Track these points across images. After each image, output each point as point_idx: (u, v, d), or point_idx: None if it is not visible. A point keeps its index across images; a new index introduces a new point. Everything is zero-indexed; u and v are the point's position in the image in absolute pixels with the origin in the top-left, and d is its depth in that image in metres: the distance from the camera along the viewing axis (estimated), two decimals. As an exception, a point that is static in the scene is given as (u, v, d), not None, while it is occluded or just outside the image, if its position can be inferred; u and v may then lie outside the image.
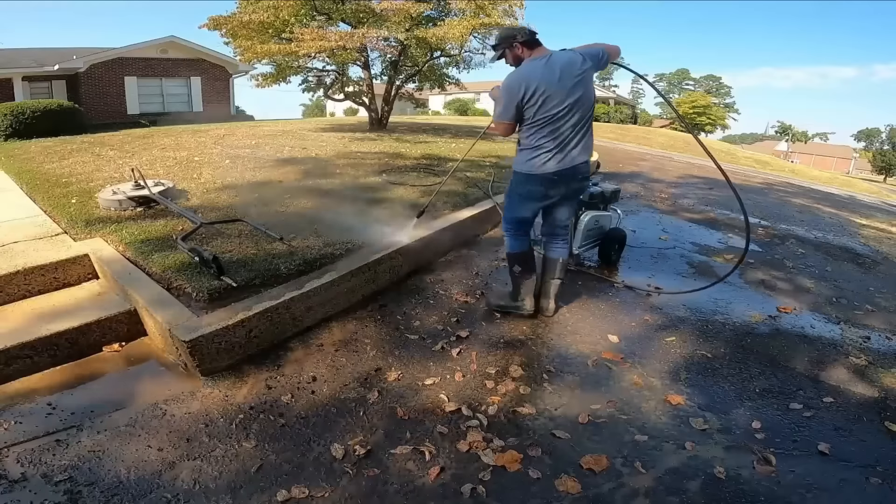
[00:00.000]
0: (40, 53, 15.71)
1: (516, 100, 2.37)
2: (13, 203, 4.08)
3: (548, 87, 2.33)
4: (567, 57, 2.42)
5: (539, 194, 2.56)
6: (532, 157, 2.46)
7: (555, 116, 2.37)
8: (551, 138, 2.41)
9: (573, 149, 2.46)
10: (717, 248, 4.24)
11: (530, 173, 2.49)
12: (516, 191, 2.61)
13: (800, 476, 1.75)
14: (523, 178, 2.54)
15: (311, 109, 41.53)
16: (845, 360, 2.54)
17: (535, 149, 2.44)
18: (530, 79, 2.34)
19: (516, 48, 2.45)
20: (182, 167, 5.40)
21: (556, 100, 2.35)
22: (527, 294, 2.73)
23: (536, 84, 2.33)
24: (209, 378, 2.16)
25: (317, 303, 2.59)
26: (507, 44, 2.47)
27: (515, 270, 2.72)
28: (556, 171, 2.46)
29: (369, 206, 3.95)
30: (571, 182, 2.55)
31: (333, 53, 8.37)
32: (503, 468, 1.74)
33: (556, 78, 2.35)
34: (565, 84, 2.36)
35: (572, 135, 2.43)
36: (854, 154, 54.31)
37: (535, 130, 2.42)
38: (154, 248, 2.93)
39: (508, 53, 2.50)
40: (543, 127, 2.39)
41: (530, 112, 2.38)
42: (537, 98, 2.34)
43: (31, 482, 1.62)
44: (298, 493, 1.61)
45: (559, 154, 2.43)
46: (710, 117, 41.94)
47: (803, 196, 8.03)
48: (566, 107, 2.36)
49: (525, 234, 2.70)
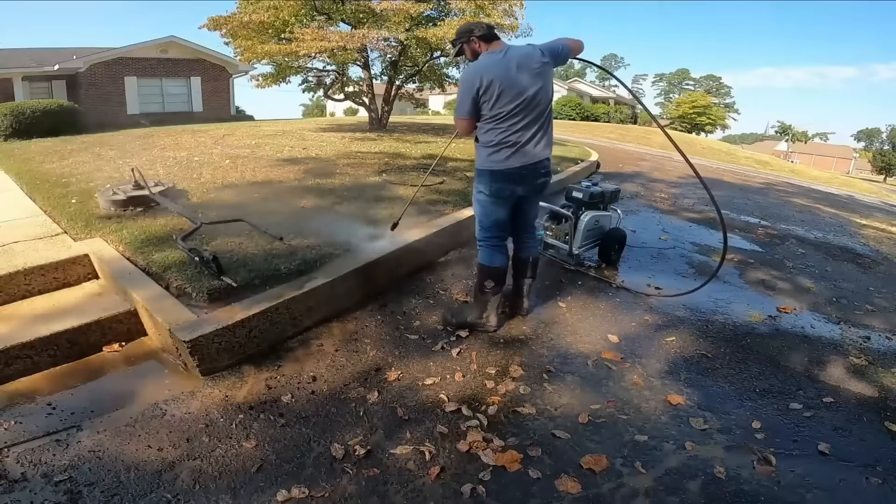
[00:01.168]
0: (40, 53, 15.70)
1: (472, 94, 2.32)
2: (13, 203, 4.08)
3: (503, 80, 2.28)
4: (525, 51, 2.38)
5: (507, 191, 2.47)
6: (493, 152, 2.39)
7: (513, 111, 2.31)
8: (511, 133, 2.34)
9: (536, 144, 2.40)
10: (717, 248, 4.24)
11: (494, 170, 2.42)
12: (484, 192, 2.49)
13: (800, 476, 1.75)
14: (488, 177, 2.45)
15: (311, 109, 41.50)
16: (845, 360, 2.54)
17: (496, 145, 2.38)
18: (485, 72, 2.30)
19: (473, 42, 2.43)
20: (182, 167, 5.40)
21: (512, 93, 2.29)
22: (492, 310, 2.60)
23: (492, 77, 2.27)
24: (209, 378, 2.16)
25: (317, 303, 2.59)
26: (465, 38, 2.45)
27: (487, 286, 2.55)
28: (520, 165, 2.39)
29: (369, 207, 3.95)
30: (536, 178, 2.49)
31: (333, 53, 8.37)
32: (503, 468, 1.74)
33: (513, 71, 2.30)
34: (522, 77, 2.31)
35: (533, 130, 2.38)
36: (854, 154, 54.31)
37: (494, 126, 2.36)
38: (154, 248, 2.93)
39: (466, 48, 2.47)
40: (502, 122, 2.33)
41: (487, 107, 2.32)
42: (493, 91, 2.28)
43: (31, 482, 1.62)
44: (298, 493, 1.61)
45: (522, 149, 2.37)
46: (710, 117, 41.96)
47: (803, 196, 8.03)
48: (524, 100, 2.31)
49: (504, 244, 2.59)
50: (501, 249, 2.57)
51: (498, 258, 2.55)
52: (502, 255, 2.57)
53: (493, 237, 2.55)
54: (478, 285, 2.60)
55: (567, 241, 3.50)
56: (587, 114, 29.38)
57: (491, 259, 2.55)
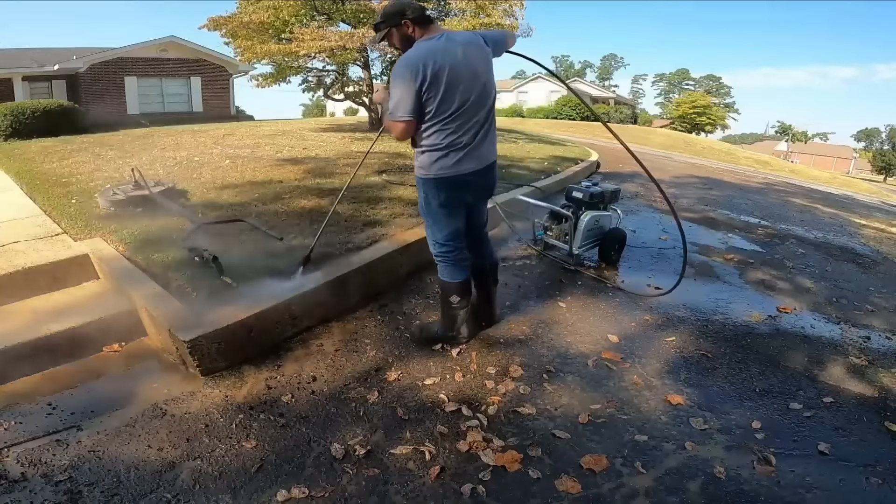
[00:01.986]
0: (40, 53, 15.71)
1: (414, 88, 1.94)
2: (13, 203, 4.08)
3: (452, 69, 1.96)
4: (467, 37, 2.11)
5: (458, 200, 2.20)
6: (441, 157, 2.08)
7: (462, 107, 2.02)
8: (460, 133, 2.05)
9: (486, 145, 2.16)
10: (717, 248, 4.24)
11: (443, 177, 2.11)
12: (433, 203, 2.18)
13: (800, 476, 1.75)
14: (435, 185, 2.14)
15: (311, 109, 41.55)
16: (845, 360, 2.54)
17: (444, 148, 2.07)
18: (429, 60, 1.94)
19: (405, 26, 2.05)
20: (182, 167, 5.40)
21: (463, 85, 1.99)
22: (463, 322, 2.42)
23: (439, 66, 1.94)
24: (209, 378, 2.16)
25: (317, 303, 2.59)
26: (395, 21, 2.05)
27: (453, 301, 2.34)
28: (473, 170, 2.13)
29: (370, 207, 3.95)
30: (486, 182, 2.28)
31: (333, 53, 8.37)
32: (503, 468, 1.74)
33: (460, 60, 1.99)
34: (471, 67, 2.02)
35: (484, 128, 2.13)
36: (854, 154, 54.36)
37: (441, 126, 2.03)
38: (154, 248, 2.93)
39: (395, 34, 2.09)
40: (451, 121, 2.02)
41: (432, 103, 1.99)
42: (439, 85, 1.95)
43: (31, 482, 1.62)
44: (298, 493, 1.61)
45: (472, 152, 2.10)
46: (710, 117, 42.02)
47: (803, 196, 8.03)
48: (474, 94, 2.04)
49: (464, 256, 2.32)
50: (462, 262, 2.32)
51: (459, 272, 2.32)
52: (463, 268, 2.33)
53: (452, 251, 2.28)
54: (443, 302, 2.40)
55: (567, 241, 3.51)
56: (587, 114, 29.37)
57: (452, 275, 2.31)
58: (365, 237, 3.23)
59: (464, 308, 2.40)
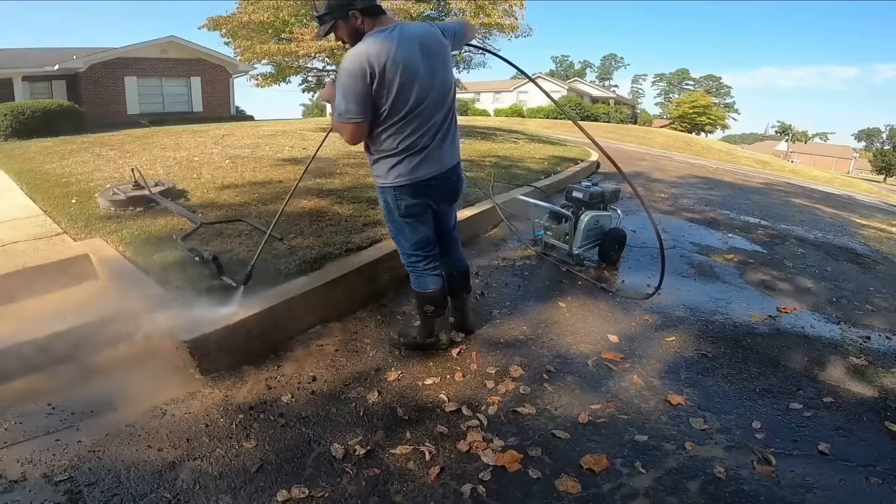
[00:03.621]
0: (40, 53, 15.71)
1: (363, 86, 1.79)
2: (13, 203, 4.08)
3: (406, 64, 1.81)
4: (422, 28, 1.94)
5: (421, 206, 2.06)
6: (397, 163, 1.95)
7: (418, 107, 1.87)
8: (418, 135, 1.90)
9: (446, 146, 2.02)
10: (717, 248, 4.24)
11: (401, 185, 1.98)
12: (395, 212, 2.07)
13: (800, 476, 1.75)
14: (394, 193, 2.01)
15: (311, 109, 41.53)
16: (845, 360, 2.54)
17: (399, 153, 1.93)
18: (381, 54, 1.78)
19: (353, 18, 1.85)
20: (182, 167, 5.40)
21: (419, 82, 1.84)
22: (441, 328, 2.38)
23: (391, 62, 1.78)
24: (209, 378, 2.16)
25: (317, 303, 2.59)
26: (342, 13, 1.86)
27: (427, 311, 2.28)
28: (431, 176, 1.99)
29: (370, 207, 3.95)
30: (449, 186, 2.13)
31: (333, 53, 8.38)
32: (503, 468, 1.74)
33: (416, 54, 1.84)
34: (428, 62, 1.87)
35: (444, 129, 1.98)
36: (854, 154, 54.38)
37: (396, 128, 1.89)
38: (154, 248, 2.93)
39: (342, 26, 1.90)
40: (406, 122, 1.88)
41: (385, 102, 1.83)
42: (392, 82, 1.80)
43: (31, 482, 1.62)
44: (298, 493, 1.61)
45: (431, 154, 1.96)
46: (709, 117, 42.06)
47: (803, 196, 8.03)
48: (431, 93, 1.88)
49: (434, 264, 2.23)
50: (433, 270, 2.22)
51: (431, 281, 2.22)
52: (435, 277, 2.23)
53: (420, 259, 2.18)
54: (419, 310, 2.34)
55: (567, 241, 3.51)
56: (587, 114, 29.42)
57: (423, 284, 2.22)
58: (365, 237, 3.23)
59: (439, 316, 2.33)
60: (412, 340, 2.43)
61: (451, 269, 2.39)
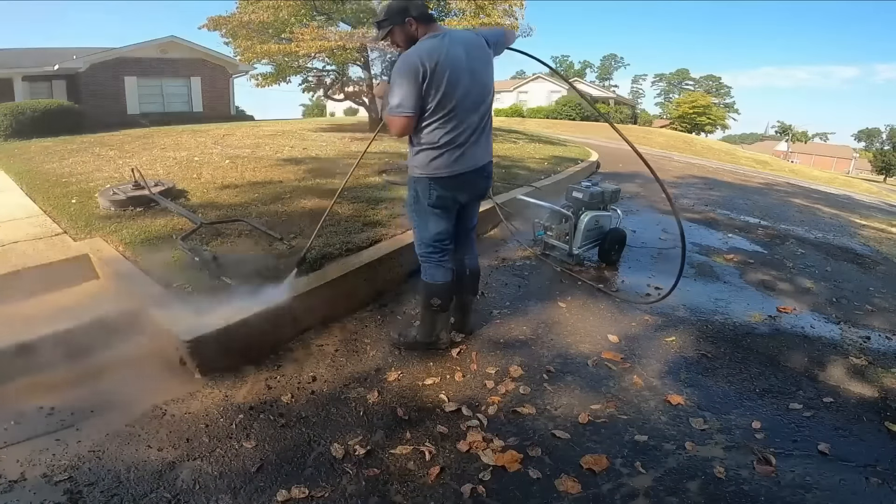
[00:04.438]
0: (40, 53, 15.70)
1: (416, 83, 1.96)
2: (13, 203, 4.08)
3: (454, 67, 1.98)
4: (468, 36, 2.12)
5: (450, 200, 2.19)
6: (438, 156, 2.08)
7: (461, 105, 2.03)
8: (458, 132, 2.06)
9: (481, 146, 2.17)
10: (717, 248, 4.24)
11: (437, 176, 2.12)
12: (424, 201, 2.18)
13: (800, 476, 1.75)
14: (429, 184, 2.14)
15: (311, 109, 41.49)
16: (845, 360, 2.54)
17: (441, 146, 2.07)
18: (433, 56, 1.96)
19: (409, 24, 2.05)
20: (182, 167, 5.40)
21: (463, 84, 2.01)
22: (443, 328, 2.42)
23: (441, 64, 1.96)
24: (209, 378, 2.16)
25: (317, 303, 2.59)
26: (399, 20, 2.06)
27: (433, 304, 2.31)
28: (466, 170, 2.12)
29: (370, 207, 3.95)
30: (480, 182, 2.26)
31: (333, 53, 8.38)
32: (503, 468, 1.74)
33: (462, 58, 2.01)
34: (472, 66, 2.04)
35: (480, 128, 2.13)
36: (854, 154, 54.36)
37: (439, 124, 2.04)
38: (154, 248, 2.93)
39: (398, 32, 2.09)
40: (449, 119, 2.03)
41: (433, 99, 2.00)
42: (441, 81, 1.97)
43: (31, 482, 1.62)
44: (298, 493, 1.61)
45: (468, 151, 2.11)
46: (709, 117, 42.02)
47: (803, 196, 8.03)
48: (474, 93, 2.06)
49: (447, 259, 2.30)
50: (445, 264, 2.30)
51: (442, 274, 2.29)
52: (447, 270, 2.30)
53: (436, 252, 2.26)
54: (424, 304, 2.36)
55: (567, 241, 3.51)
56: (587, 114, 29.37)
57: (434, 276, 2.29)
58: (365, 237, 3.23)
59: (443, 312, 2.37)
60: (412, 340, 2.44)
61: (464, 267, 2.43)
